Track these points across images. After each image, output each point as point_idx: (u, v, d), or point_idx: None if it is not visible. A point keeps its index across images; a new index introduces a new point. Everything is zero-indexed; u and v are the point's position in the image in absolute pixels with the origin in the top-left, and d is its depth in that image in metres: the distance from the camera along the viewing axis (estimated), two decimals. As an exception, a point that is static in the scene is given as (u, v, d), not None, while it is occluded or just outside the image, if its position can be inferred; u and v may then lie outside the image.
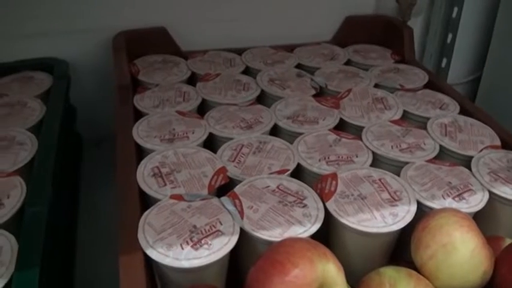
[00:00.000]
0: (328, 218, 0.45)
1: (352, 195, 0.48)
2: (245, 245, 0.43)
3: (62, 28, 0.71)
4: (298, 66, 0.74)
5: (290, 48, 0.78)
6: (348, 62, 0.77)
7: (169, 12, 0.73)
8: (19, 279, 0.37)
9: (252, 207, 0.45)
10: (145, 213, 0.43)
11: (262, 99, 0.65)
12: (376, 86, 0.70)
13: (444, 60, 0.97)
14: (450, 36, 0.94)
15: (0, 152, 0.52)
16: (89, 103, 0.71)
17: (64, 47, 0.71)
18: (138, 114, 0.59)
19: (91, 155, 0.72)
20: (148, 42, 0.71)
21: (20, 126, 0.57)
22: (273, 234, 0.42)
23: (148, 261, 0.40)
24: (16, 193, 0.47)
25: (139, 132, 0.54)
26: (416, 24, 0.93)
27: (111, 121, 0.73)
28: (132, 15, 0.71)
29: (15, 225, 0.44)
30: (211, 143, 0.56)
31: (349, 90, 0.66)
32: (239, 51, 0.76)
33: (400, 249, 0.48)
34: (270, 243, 0.42)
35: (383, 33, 0.84)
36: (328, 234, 0.48)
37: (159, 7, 0.72)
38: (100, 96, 0.74)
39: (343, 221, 0.44)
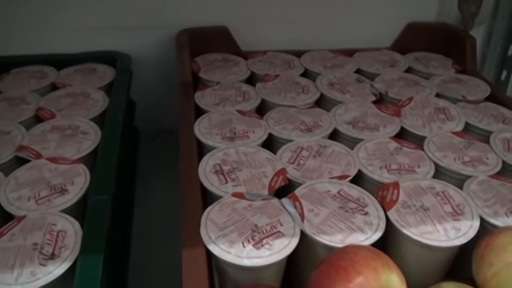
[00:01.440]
0: (388, 227, 0.44)
1: (414, 206, 0.46)
2: (304, 247, 0.42)
3: (126, 23, 0.72)
4: (358, 71, 0.73)
5: (349, 53, 0.77)
6: (408, 70, 0.75)
7: (231, 12, 0.73)
8: (84, 263, 0.38)
9: (312, 210, 0.44)
10: (208, 209, 0.43)
11: (321, 102, 0.65)
12: (437, 95, 0.68)
13: (504, 73, 0.94)
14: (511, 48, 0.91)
15: (65, 140, 0.54)
16: (147, 97, 0.72)
17: (127, 41, 0.73)
18: (199, 111, 0.60)
19: (147, 149, 0.74)
20: (209, 41, 0.72)
21: (83, 116, 0.58)
22: (333, 240, 0.42)
23: (208, 256, 0.40)
24: (80, 180, 0.48)
25: (201, 129, 0.55)
26: (477, 34, 0.90)
27: (167, 116, 0.75)
28: (195, 14, 0.72)
29: (77, 211, 0.46)
30: (270, 144, 0.56)
31: (410, 99, 0.65)
32: (298, 54, 0.75)
33: (458, 264, 0.46)
34: (330, 249, 0.41)
35: (444, 42, 0.81)
36: (386, 244, 0.47)
37: (222, 7, 0.73)
38: (159, 91, 0.76)
39: (405, 231, 0.43)
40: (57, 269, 0.38)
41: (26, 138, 0.54)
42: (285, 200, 0.45)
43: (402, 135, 0.59)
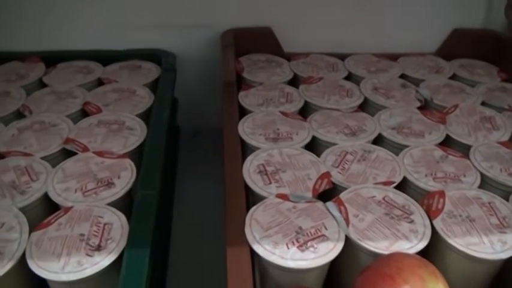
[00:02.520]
0: (433, 236, 0.43)
1: (460, 216, 0.45)
2: (347, 252, 0.41)
3: (171, 21, 0.73)
4: (402, 76, 0.71)
5: (393, 57, 0.76)
6: (453, 77, 0.73)
7: (276, 13, 0.73)
8: (130, 256, 0.38)
9: (357, 215, 0.44)
10: (252, 209, 0.43)
11: (365, 106, 0.64)
12: (483, 103, 0.66)
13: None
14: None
15: (111, 135, 0.55)
16: (189, 95, 0.73)
17: (171, 40, 0.73)
18: (241, 111, 0.60)
19: (186, 145, 0.74)
20: (253, 41, 0.72)
21: (129, 112, 0.59)
22: (379, 246, 0.41)
23: (251, 255, 0.40)
24: (126, 175, 0.48)
25: (245, 129, 0.55)
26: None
27: (208, 114, 0.75)
28: (240, 14, 0.72)
29: (122, 204, 0.46)
30: (313, 146, 0.55)
31: (455, 106, 0.63)
32: (341, 57, 0.75)
33: (501, 278, 0.45)
34: (374, 255, 0.41)
35: (490, 49, 0.79)
36: (429, 253, 0.46)
37: (267, 8, 0.73)
38: (200, 89, 0.77)
39: (451, 241, 0.42)
40: (103, 260, 0.39)
41: (73, 131, 0.55)
42: (329, 204, 0.44)
43: (447, 142, 0.58)
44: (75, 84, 0.66)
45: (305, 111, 0.62)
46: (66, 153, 0.53)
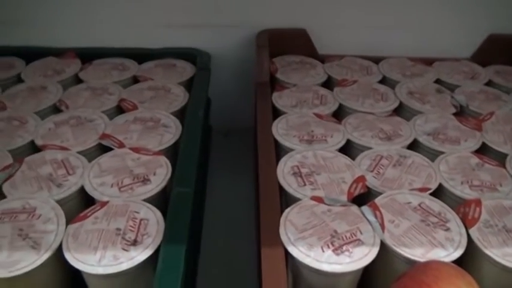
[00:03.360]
0: (468, 245, 0.42)
1: (497, 225, 0.44)
2: (381, 258, 0.41)
3: (205, 21, 0.73)
4: (437, 81, 0.70)
5: (428, 62, 0.75)
6: (489, 83, 0.72)
7: (311, 15, 0.73)
8: (167, 252, 0.39)
9: (393, 221, 0.43)
10: (287, 210, 0.43)
11: (400, 111, 0.63)
12: (519, 111, 0.65)
13: None
14: None
15: (147, 132, 0.55)
16: (221, 94, 0.73)
17: (205, 39, 0.74)
18: (275, 112, 0.60)
19: (218, 144, 0.75)
20: (287, 42, 0.72)
21: (164, 109, 0.60)
22: (414, 253, 0.40)
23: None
24: (162, 171, 0.49)
25: (279, 130, 0.55)
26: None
27: (240, 113, 0.75)
28: (275, 15, 0.72)
29: (157, 201, 0.47)
30: (347, 149, 0.55)
31: (491, 113, 0.62)
32: (375, 60, 0.74)
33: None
34: (410, 262, 0.40)
35: (527, 56, 0.78)
36: (464, 262, 0.45)
37: (302, 9, 0.72)
38: (233, 89, 0.77)
39: (487, 252, 0.41)
40: (139, 255, 0.39)
41: (109, 127, 0.56)
42: (365, 208, 0.44)
43: (483, 150, 0.57)
44: (110, 81, 0.66)
45: (339, 114, 0.61)
46: (102, 149, 0.54)
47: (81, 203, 0.48)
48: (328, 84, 0.68)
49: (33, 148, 0.55)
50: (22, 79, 0.68)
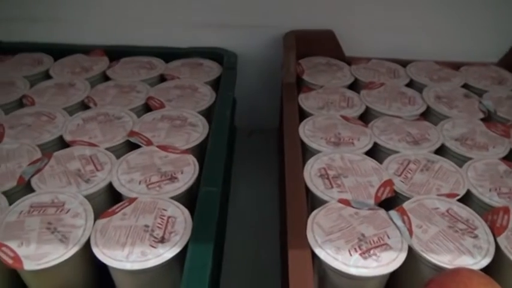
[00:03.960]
0: (496, 253, 0.42)
1: (526, 234, 0.43)
2: (408, 263, 0.41)
3: (232, 21, 0.74)
4: (464, 86, 0.69)
5: (455, 66, 0.74)
6: (516, 89, 0.71)
7: (339, 16, 0.72)
8: (195, 250, 0.39)
9: (421, 226, 0.43)
10: (314, 212, 0.43)
11: (427, 115, 0.62)
12: (548, 118, 0.63)
13: None
14: None
15: (174, 130, 0.56)
16: (246, 95, 0.73)
17: (231, 39, 0.74)
18: (301, 113, 0.59)
19: (241, 145, 0.75)
20: (314, 44, 0.72)
21: (191, 108, 0.60)
22: (442, 260, 0.40)
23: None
24: (189, 170, 0.49)
25: (305, 132, 0.55)
26: None
27: (264, 114, 0.76)
28: (303, 16, 0.72)
29: (184, 199, 0.47)
30: (374, 153, 0.54)
31: (520, 120, 0.61)
32: (402, 63, 0.73)
33: None
34: (437, 268, 0.40)
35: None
36: (490, 271, 0.44)
37: (330, 10, 0.72)
38: (258, 89, 0.77)
39: (516, 260, 0.41)
40: (167, 253, 0.39)
41: (137, 124, 0.57)
42: (392, 213, 0.44)
43: (510, 157, 0.56)
44: (138, 79, 0.67)
45: (365, 117, 0.61)
46: (129, 146, 0.54)
47: (108, 199, 0.49)
48: (355, 86, 0.68)
49: (62, 143, 0.55)
50: (50, 75, 0.69)
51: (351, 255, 0.39)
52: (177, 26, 0.74)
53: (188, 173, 0.48)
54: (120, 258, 0.39)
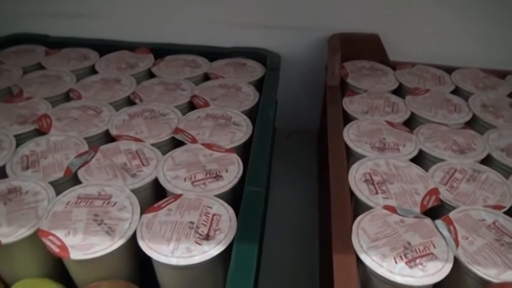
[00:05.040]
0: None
1: None
2: (453, 274, 0.40)
3: (276, 22, 0.74)
4: (510, 95, 0.68)
5: (501, 74, 0.72)
6: None
7: (385, 20, 0.72)
8: (240, 249, 0.39)
9: (467, 238, 0.42)
10: (359, 217, 0.43)
11: (472, 123, 0.61)
12: None
13: None
14: None
15: (218, 129, 0.56)
16: (287, 96, 0.73)
17: (275, 40, 0.74)
18: (345, 116, 0.59)
19: (280, 146, 0.75)
20: (359, 47, 0.71)
21: (235, 108, 0.60)
22: (488, 273, 0.39)
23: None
24: (234, 169, 0.50)
25: (350, 136, 0.55)
26: None
27: (304, 116, 0.75)
28: (348, 18, 0.72)
29: (228, 198, 0.47)
30: (419, 160, 0.54)
31: None
32: (446, 69, 0.72)
33: None
34: (483, 282, 0.39)
35: None
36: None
37: (375, 14, 0.72)
38: (299, 91, 0.77)
39: None
40: (212, 250, 0.40)
41: (182, 122, 0.57)
42: (439, 222, 0.43)
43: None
44: (183, 77, 0.68)
45: (410, 123, 0.60)
46: (174, 143, 0.55)
47: (153, 194, 0.50)
48: (399, 91, 0.67)
49: (107, 137, 0.57)
50: (96, 70, 0.71)
51: (396, 263, 0.39)
52: (221, 25, 0.75)
53: (232, 171, 0.49)
54: (165, 253, 0.40)
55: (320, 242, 0.61)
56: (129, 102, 0.64)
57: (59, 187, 0.48)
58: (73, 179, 0.50)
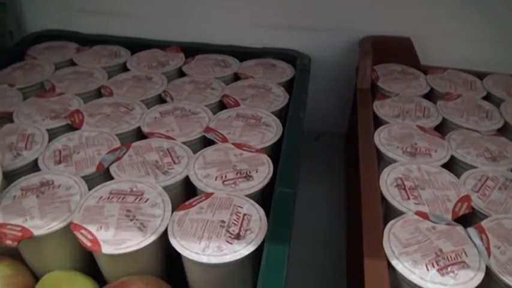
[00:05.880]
0: None
1: None
2: (484, 283, 0.40)
3: (307, 24, 0.74)
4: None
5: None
6: None
7: (417, 23, 0.71)
8: (272, 251, 0.39)
9: (499, 247, 0.41)
10: (391, 223, 0.43)
11: (503, 131, 0.60)
12: None
13: None
14: None
15: (248, 129, 0.56)
16: (315, 98, 0.72)
17: (305, 41, 0.74)
18: (375, 120, 0.59)
19: (307, 148, 0.75)
20: (390, 50, 0.71)
21: (265, 108, 0.61)
22: (521, 284, 0.39)
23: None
24: (264, 169, 0.50)
25: (381, 139, 0.54)
26: None
27: (333, 118, 0.75)
28: (380, 21, 0.71)
29: (257, 198, 0.48)
30: (450, 166, 0.53)
31: None
32: (477, 75, 0.71)
33: None
34: (516, 292, 0.39)
35: None
36: None
37: (408, 17, 0.71)
38: (327, 93, 0.77)
39: None
40: (243, 249, 0.40)
41: (212, 121, 0.58)
42: (471, 230, 0.43)
43: None
44: (213, 76, 0.68)
45: (441, 128, 0.59)
46: (204, 141, 0.56)
47: (182, 192, 0.50)
48: (430, 96, 0.66)
49: (139, 134, 0.57)
50: (127, 68, 0.72)
51: (428, 270, 0.39)
52: (252, 26, 0.75)
53: (263, 172, 0.49)
54: (196, 250, 0.40)
55: (347, 244, 0.61)
56: (160, 100, 0.65)
57: (90, 182, 0.49)
58: (104, 175, 0.51)
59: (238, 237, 0.41)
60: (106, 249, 0.41)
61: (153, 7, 0.78)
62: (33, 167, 0.52)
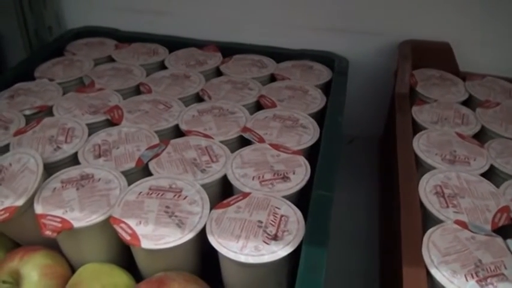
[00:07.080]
0: None
1: None
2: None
3: (346, 26, 0.74)
4: None
5: None
6: None
7: (457, 29, 0.70)
8: (310, 252, 0.40)
9: (540, 260, 0.41)
10: (430, 230, 0.42)
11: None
12: None
13: None
14: None
15: (285, 130, 0.57)
16: (352, 101, 0.72)
17: (343, 44, 0.74)
18: (414, 126, 0.58)
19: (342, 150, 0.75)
20: (429, 55, 0.70)
21: (302, 110, 0.61)
22: (559, 300, 0.38)
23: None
24: (301, 171, 0.50)
25: (420, 146, 0.54)
26: None
27: (368, 122, 0.75)
28: (419, 26, 0.71)
29: (294, 199, 0.48)
30: (489, 175, 0.52)
31: None
32: (517, 83, 0.70)
33: None
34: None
35: None
36: None
37: (448, 22, 0.70)
38: (363, 97, 0.76)
39: None
40: (280, 251, 0.41)
41: (250, 121, 0.58)
42: (510, 242, 0.42)
43: None
44: (250, 76, 0.69)
45: (479, 136, 0.59)
46: (241, 141, 0.56)
47: (219, 191, 0.51)
48: (469, 103, 0.65)
49: (177, 132, 0.58)
50: (165, 66, 0.73)
51: (467, 280, 0.38)
52: (289, 27, 0.76)
53: (300, 174, 0.49)
54: (234, 249, 0.41)
55: (380, 250, 0.60)
56: (198, 98, 0.65)
57: (129, 177, 0.50)
58: (143, 171, 0.52)
59: (275, 238, 0.42)
60: (145, 244, 0.42)
61: (191, 6, 0.79)
62: (73, 160, 0.53)
